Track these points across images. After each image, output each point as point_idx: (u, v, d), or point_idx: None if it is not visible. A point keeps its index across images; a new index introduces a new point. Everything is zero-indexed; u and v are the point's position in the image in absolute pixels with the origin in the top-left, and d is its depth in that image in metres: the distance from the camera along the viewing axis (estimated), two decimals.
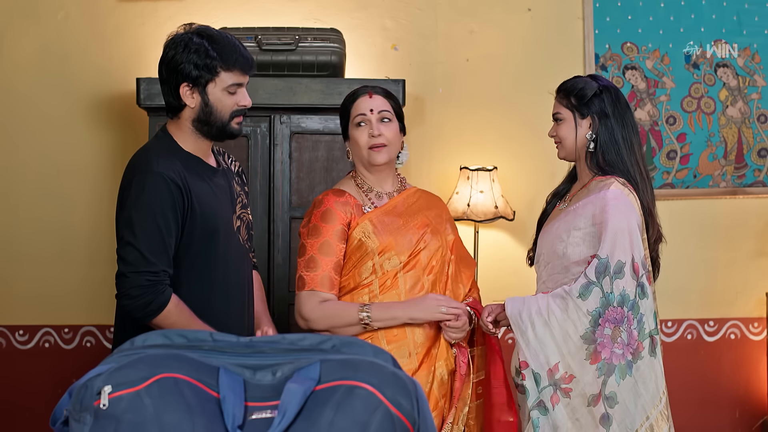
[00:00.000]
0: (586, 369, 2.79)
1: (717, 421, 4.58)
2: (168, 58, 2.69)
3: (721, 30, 4.57)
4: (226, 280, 2.75)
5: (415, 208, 3.02)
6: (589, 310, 2.78)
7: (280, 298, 3.91)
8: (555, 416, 2.80)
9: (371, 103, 2.95)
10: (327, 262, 2.89)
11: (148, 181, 2.60)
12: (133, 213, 2.60)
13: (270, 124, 3.94)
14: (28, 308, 4.38)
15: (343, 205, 2.93)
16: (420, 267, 2.94)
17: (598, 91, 2.97)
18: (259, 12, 4.40)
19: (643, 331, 2.82)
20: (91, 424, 1.47)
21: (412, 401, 1.51)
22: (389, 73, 4.40)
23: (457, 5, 4.52)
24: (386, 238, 2.92)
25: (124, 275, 2.59)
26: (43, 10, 4.38)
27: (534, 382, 2.82)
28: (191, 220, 2.64)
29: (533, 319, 2.84)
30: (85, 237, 4.38)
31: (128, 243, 2.59)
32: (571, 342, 2.80)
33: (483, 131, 4.51)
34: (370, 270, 2.91)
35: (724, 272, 4.60)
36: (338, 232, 2.91)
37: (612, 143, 2.95)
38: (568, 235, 2.91)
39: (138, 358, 1.52)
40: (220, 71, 2.66)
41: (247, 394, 1.51)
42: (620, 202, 2.85)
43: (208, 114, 2.69)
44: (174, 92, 2.69)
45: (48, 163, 4.38)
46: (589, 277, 2.80)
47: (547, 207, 3.17)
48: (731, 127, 4.57)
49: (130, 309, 2.60)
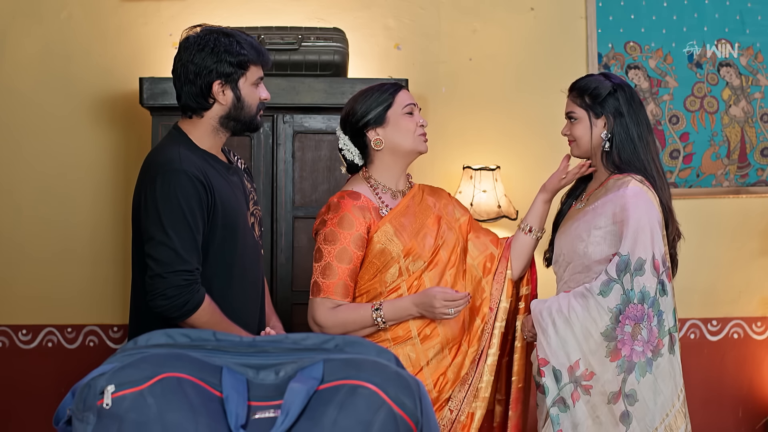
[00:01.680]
0: (606, 366, 2.79)
1: (720, 421, 4.58)
2: (193, 59, 2.68)
3: (724, 29, 4.56)
4: (244, 276, 2.76)
5: (425, 205, 3.05)
6: (610, 307, 2.79)
7: (283, 297, 3.91)
8: (575, 413, 2.80)
9: (413, 98, 3.06)
10: (344, 270, 2.90)
11: (174, 178, 2.59)
12: (163, 212, 2.58)
13: (273, 124, 3.94)
14: (31, 308, 4.38)
15: (360, 209, 2.93)
16: (442, 263, 2.98)
17: (612, 89, 2.97)
18: (262, 11, 4.40)
19: (663, 328, 2.83)
20: (95, 423, 1.47)
21: (415, 400, 1.51)
22: (392, 73, 4.40)
23: (460, 5, 4.52)
24: (408, 241, 2.94)
25: (160, 276, 2.56)
26: (46, 10, 4.38)
27: (554, 379, 2.82)
28: (214, 216, 2.65)
29: (554, 317, 2.85)
30: (88, 236, 4.38)
31: (161, 242, 2.57)
32: (592, 339, 2.80)
33: (486, 130, 4.51)
34: (397, 273, 2.93)
35: (727, 272, 4.60)
36: (356, 239, 2.91)
37: (628, 141, 2.96)
38: (589, 235, 2.92)
39: (141, 357, 1.52)
40: (250, 66, 2.71)
41: (250, 393, 1.51)
42: (640, 199, 2.86)
43: (240, 109, 2.72)
44: (205, 92, 2.69)
45: (51, 162, 4.38)
46: (610, 275, 2.80)
47: (562, 207, 3.17)
48: (734, 127, 4.57)
49: (165, 309, 2.57)
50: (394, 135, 3.00)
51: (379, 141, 2.99)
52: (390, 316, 2.87)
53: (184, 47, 2.71)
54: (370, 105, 2.99)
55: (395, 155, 3.01)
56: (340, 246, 2.90)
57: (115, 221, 4.37)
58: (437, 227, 3.02)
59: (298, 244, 3.93)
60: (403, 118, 3.00)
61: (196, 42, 2.69)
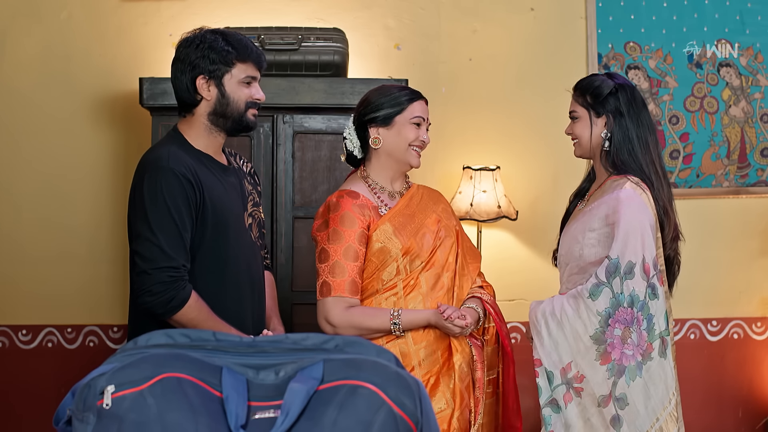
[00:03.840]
0: (596, 369, 2.79)
1: (720, 421, 4.58)
2: (182, 55, 2.75)
3: (723, 29, 4.56)
4: (236, 276, 2.77)
5: (423, 205, 3.06)
6: (599, 310, 2.79)
7: (283, 297, 3.91)
8: (567, 414, 2.81)
9: (426, 112, 3.07)
10: (352, 267, 2.91)
11: (160, 177, 2.62)
12: (149, 209, 2.61)
13: (273, 124, 3.94)
14: (31, 308, 4.39)
15: (360, 207, 2.95)
16: (438, 264, 2.98)
17: (614, 89, 2.97)
18: (262, 11, 4.40)
19: (653, 332, 2.81)
20: (94, 423, 1.47)
21: (415, 401, 1.51)
22: (392, 73, 4.40)
23: (460, 5, 4.52)
24: (407, 240, 2.95)
25: (145, 272, 2.59)
26: (46, 10, 4.39)
27: (547, 380, 2.83)
28: (203, 214, 2.67)
29: (547, 319, 2.86)
30: (88, 237, 4.38)
31: (146, 239, 2.60)
32: (581, 342, 2.80)
33: (486, 131, 4.51)
34: (395, 272, 2.94)
35: (726, 272, 4.60)
36: (359, 236, 2.93)
37: (626, 142, 2.95)
38: (584, 237, 2.91)
39: (141, 357, 1.52)
40: (236, 63, 2.74)
41: (250, 393, 1.51)
42: (633, 202, 2.85)
43: (225, 105, 2.75)
44: (190, 87, 2.74)
45: (51, 162, 4.38)
46: (599, 278, 2.80)
47: (569, 206, 3.17)
48: (734, 127, 4.57)
49: (151, 306, 2.60)
50: (393, 139, 3.01)
51: (378, 140, 3.00)
52: (406, 327, 2.90)
53: (178, 45, 2.79)
54: (383, 104, 3.01)
55: (390, 159, 3.02)
56: (346, 244, 2.91)
57: (115, 221, 4.37)
58: (436, 227, 3.02)
59: (298, 244, 3.93)
60: (408, 128, 3.00)
61: (187, 41, 2.76)
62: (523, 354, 3.78)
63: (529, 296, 4.29)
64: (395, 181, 3.06)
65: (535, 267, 4.41)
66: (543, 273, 3.29)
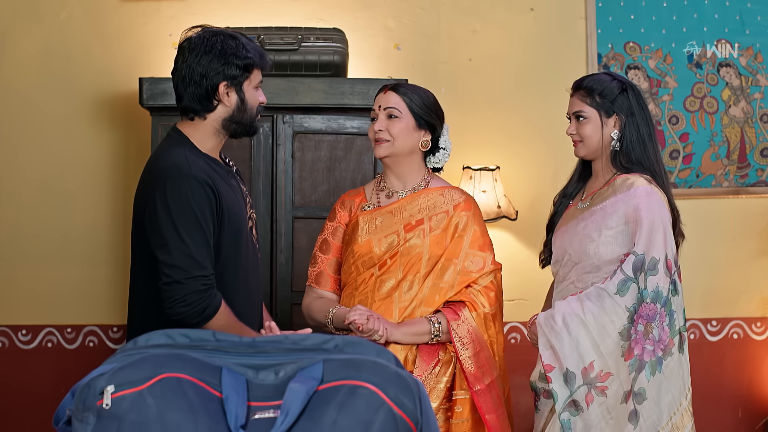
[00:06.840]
0: (621, 366, 2.78)
1: (720, 421, 4.58)
2: (200, 61, 2.66)
3: (723, 30, 4.56)
4: (246, 279, 2.76)
5: (414, 209, 2.99)
6: (627, 306, 2.79)
7: (283, 298, 3.91)
8: (589, 416, 2.77)
9: (381, 100, 3.00)
10: (323, 260, 3.05)
11: (185, 184, 2.57)
12: (176, 218, 2.56)
13: (273, 124, 3.94)
14: (30, 308, 4.38)
15: (346, 203, 3.02)
16: (395, 269, 2.94)
17: (623, 88, 2.97)
18: (262, 11, 4.40)
19: (673, 327, 2.83)
20: (94, 423, 1.47)
21: (415, 401, 1.51)
22: (392, 73, 4.40)
23: (459, 5, 4.52)
24: (365, 241, 2.95)
25: (178, 282, 2.54)
26: (46, 10, 4.38)
27: (563, 383, 2.79)
28: (221, 220, 2.65)
29: (566, 320, 2.82)
30: (87, 237, 4.38)
31: (177, 248, 2.55)
32: (609, 339, 2.78)
33: (486, 131, 4.51)
34: (352, 269, 2.98)
35: (726, 272, 4.60)
36: (334, 230, 3.05)
37: (639, 141, 2.95)
38: (599, 235, 2.90)
39: (141, 357, 1.52)
40: (254, 69, 2.72)
41: (250, 393, 1.51)
42: (653, 199, 2.86)
43: (243, 111, 2.72)
44: (210, 93, 2.67)
45: (50, 162, 4.38)
46: (626, 273, 2.80)
47: (558, 208, 3.15)
48: (734, 127, 4.57)
49: (185, 315, 2.54)
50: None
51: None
52: (337, 326, 2.91)
53: (189, 49, 2.68)
54: None
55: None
56: (323, 236, 3.06)
57: (114, 221, 4.37)
58: (409, 232, 2.95)
59: (297, 244, 3.92)
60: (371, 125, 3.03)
61: (202, 44, 2.67)
62: (523, 354, 3.79)
63: (529, 296, 4.29)
64: (398, 178, 3.04)
65: (535, 267, 4.38)
66: (543, 273, 3.28)
